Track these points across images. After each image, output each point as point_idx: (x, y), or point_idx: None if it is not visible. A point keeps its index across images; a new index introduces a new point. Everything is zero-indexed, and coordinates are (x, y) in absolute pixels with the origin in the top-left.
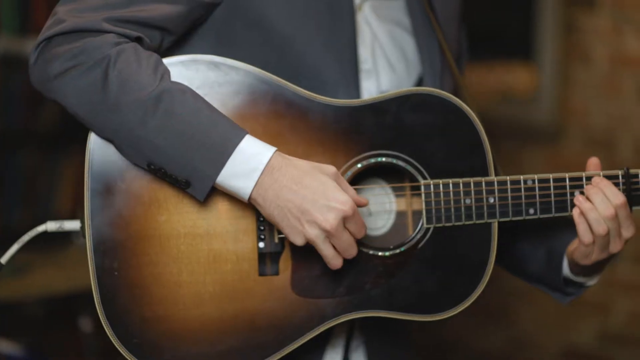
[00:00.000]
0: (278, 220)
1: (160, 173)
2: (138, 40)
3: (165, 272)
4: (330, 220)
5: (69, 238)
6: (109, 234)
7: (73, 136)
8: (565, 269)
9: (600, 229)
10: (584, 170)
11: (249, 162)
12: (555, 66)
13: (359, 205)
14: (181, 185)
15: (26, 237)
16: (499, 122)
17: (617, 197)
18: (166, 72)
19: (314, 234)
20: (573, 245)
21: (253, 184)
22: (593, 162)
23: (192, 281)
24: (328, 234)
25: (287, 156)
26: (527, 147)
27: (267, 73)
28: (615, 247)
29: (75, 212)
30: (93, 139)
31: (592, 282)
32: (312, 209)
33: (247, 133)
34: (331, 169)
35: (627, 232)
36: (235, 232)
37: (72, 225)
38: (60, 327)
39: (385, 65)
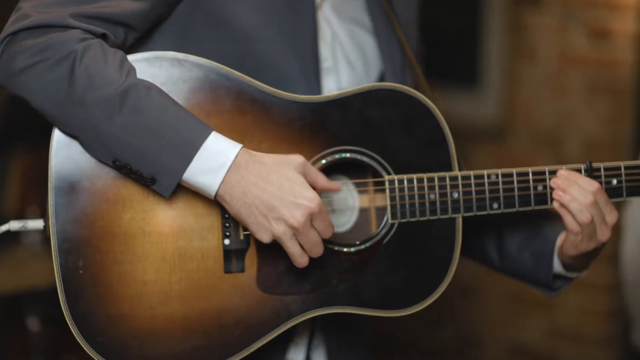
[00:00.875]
0: (244, 217)
1: (125, 170)
2: (103, 37)
3: (131, 271)
4: (297, 217)
5: (17, 237)
6: (74, 232)
7: (19, 135)
8: (557, 267)
9: (584, 217)
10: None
11: (216, 159)
12: (502, 64)
13: (332, 190)
14: (147, 182)
15: None
16: (445, 120)
17: (592, 184)
18: (132, 69)
19: (280, 230)
20: (561, 241)
21: (220, 180)
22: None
23: (157, 279)
24: (295, 231)
25: (253, 152)
26: (473, 144)
27: (230, 69)
28: (602, 234)
29: (23, 213)
30: (57, 136)
31: (583, 274)
32: (279, 206)
33: (213, 130)
34: (299, 158)
35: (611, 217)
36: (200, 230)
37: (36, 224)
38: (7, 327)
39: (345, 64)
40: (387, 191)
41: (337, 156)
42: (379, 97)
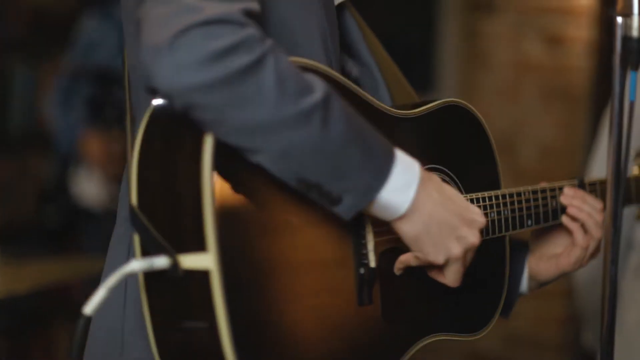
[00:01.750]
0: (423, 237)
1: (311, 189)
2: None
3: (288, 310)
4: (476, 234)
5: None
6: (241, 268)
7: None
8: (524, 287)
9: (599, 233)
10: None
11: (407, 174)
12: (457, 71)
13: None
14: (328, 201)
15: (113, 280)
16: None
17: (598, 202)
18: (308, 73)
19: (460, 251)
20: (541, 261)
21: (410, 198)
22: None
23: (297, 318)
24: (470, 249)
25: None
26: None
27: (335, 73)
28: (597, 251)
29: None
30: (216, 153)
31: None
32: (460, 224)
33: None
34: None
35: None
36: (333, 260)
37: (162, 262)
38: None
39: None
40: None
41: None
42: (449, 113)
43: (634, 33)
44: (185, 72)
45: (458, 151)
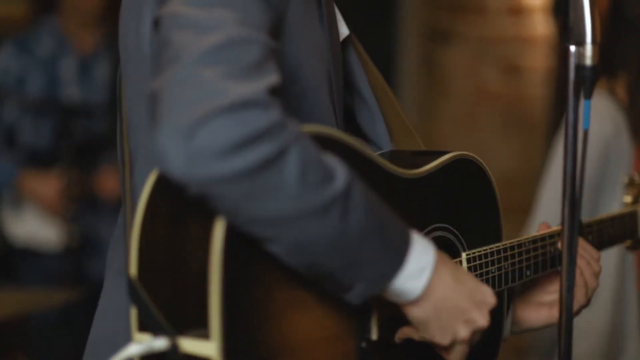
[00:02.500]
0: (432, 320)
1: (319, 276)
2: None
3: None
4: (486, 316)
5: None
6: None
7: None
8: (506, 331)
9: (595, 283)
10: None
11: (422, 259)
12: (417, 100)
13: None
14: (339, 289)
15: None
16: None
17: (595, 252)
18: (329, 155)
19: (466, 334)
20: (529, 307)
21: (423, 284)
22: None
23: None
24: (478, 330)
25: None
26: None
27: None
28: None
29: None
30: (228, 237)
31: None
32: (470, 307)
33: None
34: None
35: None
36: (334, 335)
37: (162, 343)
38: None
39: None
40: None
41: (432, 235)
42: (457, 168)
43: (587, 62)
44: (204, 163)
45: (463, 207)
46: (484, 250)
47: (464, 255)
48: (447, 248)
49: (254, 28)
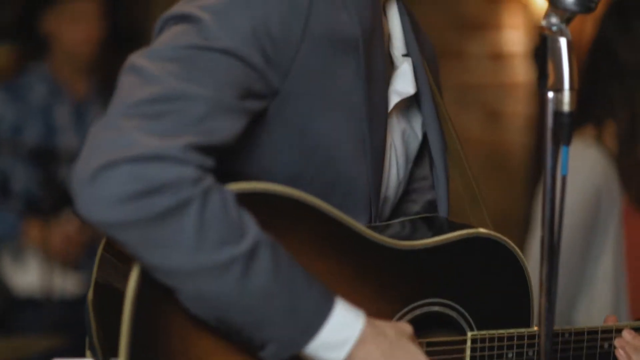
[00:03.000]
0: None
1: (232, 331)
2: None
3: None
4: None
5: None
6: None
7: None
8: None
9: None
10: None
11: (341, 333)
12: None
13: None
14: (252, 344)
15: None
16: None
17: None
18: (250, 219)
19: None
20: None
21: (343, 356)
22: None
23: None
24: None
25: (376, 323)
26: None
27: (320, 202)
28: None
29: None
30: (140, 284)
31: None
32: None
33: (338, 298)
34: (409, 329)
35: None
36: None
37: None
38: None
39: (395, 172)
40: (469, 350)
41: (426, 309)
42: (473, 246)
43: (565, 108)
44: (99, 208)
45: (476, 285)
46: (500, 333)
47: (469, 334)
48: (446, 325)
49: (207, 86)
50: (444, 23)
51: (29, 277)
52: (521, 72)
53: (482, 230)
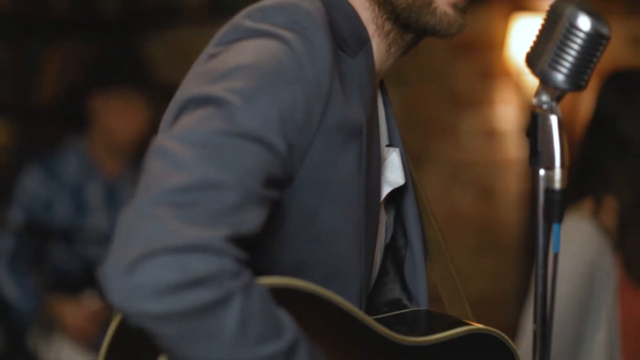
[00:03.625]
0: None
1: None
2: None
3: None
4: None
5: None
6: None
7: None
8: None
9: None
10: None
11: None
12: None
13: None
14: None
15: None
16: None
17: None
18: (282, 310)
19: None
20: None
21: None
22: None
23: None
24: None
25: None
26: None
27: (344, 302)
28: None
29: None
30: None
31: None
32: None
33: None
34: None
35: None
36: None
37: None
38: None
39: (378, 263)
40: None
41: None
42: (472, 343)
43: (556, 185)
44: (138, 300)
45: None
46: None
47: None
48: None
49: (237, 173)
50: (437, 100)
51: (58, 354)
52: (514, 148)
53: (481, 326)
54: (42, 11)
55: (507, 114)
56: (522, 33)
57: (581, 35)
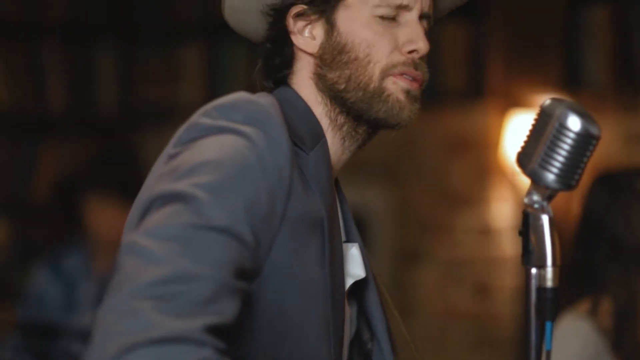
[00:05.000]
0: None
1: None
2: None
3: None
4: None
5: None
6: None
7: None
8: None
9: None
10: None
11: None
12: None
13: None
14: None
15: None
16: None
17: None
18: None
19: None
20: None
21: None
22: None
23: None
24: None
25: None
26: None
27: None
28: None
29: None
30: None
31: None
32: None
33: None
34: None
35: None
36: None
37: None
38: None
39: (346, 357)
40: None
41: None
42: None
43: (548, 284)
44: None
45: None
46: None
47: None
48: None
49: (210, 265)
50: (433, 198)
51: None
52: (509, 245)
53: None
54: (38, 109)
55: (502, 212)
56: (516, 130)
57: (571, 135)
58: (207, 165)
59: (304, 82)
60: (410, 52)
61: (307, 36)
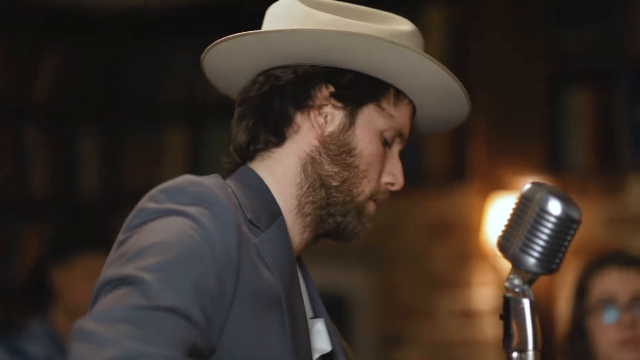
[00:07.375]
0: None
1: None
2: None
3: None
4: None
5: None
6: None
7: None
8: None
9: None
10: None
11: None
12: None
13: None
14: None
15: None
16: None
17: None
18: None
19: None
20: None
21: None
22: None
23: None
24: None
25: None
26: None
27: None
28: None
29: None
30: None
31: None
32: None
33: None
34: None
35: None
36: None
37: None
38: None
39: None
40: None
41: None
42: None
43: None
44: None
45: None
46: None
47: None
48: None
49: (161, 345)
50: (415, 282)
51: None
52: (490, 328)
53: None
54: (21, 191)
55: (484, 295)
56: (499, 213)
57: (552, 219)
58: (153, 248)
59: (288, 157)
60: (388, 183)
61: (324, 117)
